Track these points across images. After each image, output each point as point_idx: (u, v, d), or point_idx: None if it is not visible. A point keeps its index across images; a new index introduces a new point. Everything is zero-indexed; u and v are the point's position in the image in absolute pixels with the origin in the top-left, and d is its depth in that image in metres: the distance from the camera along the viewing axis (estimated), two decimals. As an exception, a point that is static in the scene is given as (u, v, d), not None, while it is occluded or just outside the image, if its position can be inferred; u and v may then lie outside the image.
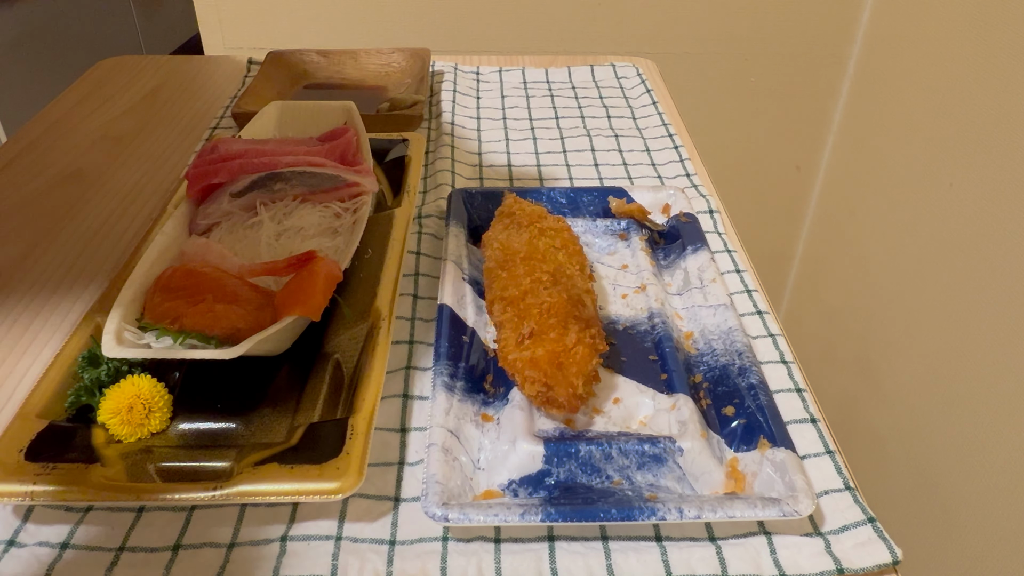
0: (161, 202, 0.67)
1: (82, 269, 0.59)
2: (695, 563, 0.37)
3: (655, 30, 1.18)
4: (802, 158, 1.37)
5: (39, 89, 1.73)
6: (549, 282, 0.47)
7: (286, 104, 0.68)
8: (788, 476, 0.39)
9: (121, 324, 0.43)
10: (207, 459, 0.40)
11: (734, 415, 0.43)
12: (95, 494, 0.37)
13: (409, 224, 0.56)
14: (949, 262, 1.01)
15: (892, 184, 1.16)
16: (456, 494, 0.38)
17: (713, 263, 0.54)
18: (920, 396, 1.08)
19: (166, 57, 0.97)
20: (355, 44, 1.08)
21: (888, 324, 1.17)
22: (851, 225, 1.28)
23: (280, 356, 0.46)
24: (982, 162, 0.95)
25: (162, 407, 0.42)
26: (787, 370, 0.48)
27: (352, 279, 0.51)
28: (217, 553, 0.38)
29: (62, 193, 0.68)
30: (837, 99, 1.30)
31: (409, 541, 0.38)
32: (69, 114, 0.82)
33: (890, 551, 0.37)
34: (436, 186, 0.67)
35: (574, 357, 0.42)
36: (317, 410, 0.43)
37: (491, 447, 0.42)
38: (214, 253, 0.50)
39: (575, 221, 0.60)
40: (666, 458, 0.40)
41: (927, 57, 1.07)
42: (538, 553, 0.38)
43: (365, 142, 0.60)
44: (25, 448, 0.39)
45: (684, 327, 0.51)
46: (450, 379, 0.44)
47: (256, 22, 1.21)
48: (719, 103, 1.31)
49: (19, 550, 0.38)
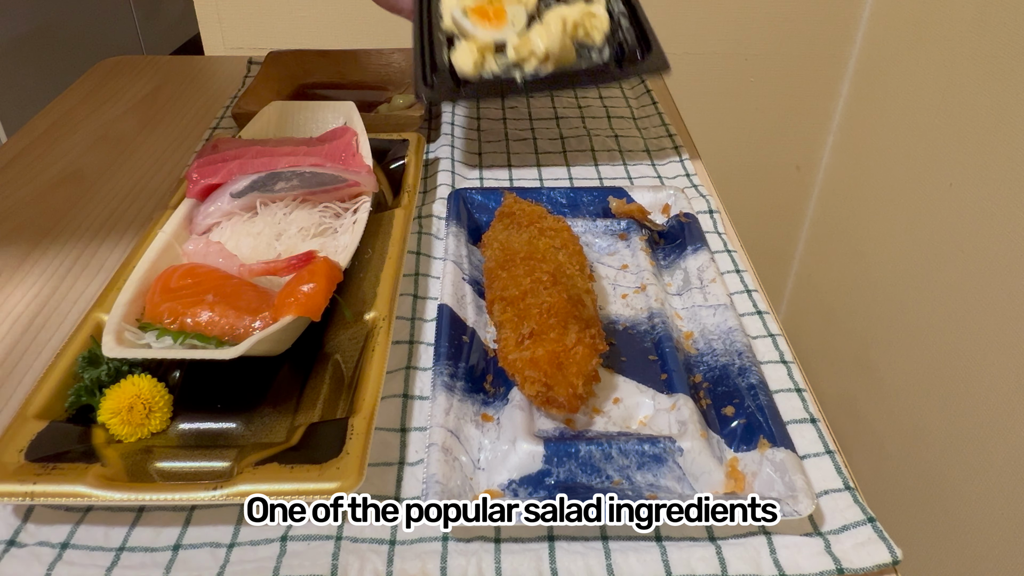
0: (161, 202, 0.67)
1: (82, 269, 0.59)
2: (695, 563, 0.37)
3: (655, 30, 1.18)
4: (802, 158, 1.37)
5: (39, 89, 1.72)
6: (549, 282, 0.47)
7: (286, 104, 0.68)
8: (788, 476, 0.39)
9: (121, 324, 0.43)
10: (207, 459, 0.40)
11: (734, 415, 0.43)
12: (95, 494, 0.37)
13: (409, 224, 0.56)
14: (949, 262, 1.01)
15: (892, 184, 1.16)
16: (456, 494, 0.38)
17: (713, 263, 0.54)
18: (920, 396, 1.08)
19: (166, 57, 0.97)
20: (355, 44, 1.08)
21: (888, 324, 1.17)
22: (851, 225, 1.28)
23: (280, 356, 0.46)
24: (982, 162, 0.95)
25: (162, 407, 0.42)
26: (787, 370, 0.48)
27: (352, 279, 0.51)
28: (217, 553, 0.38)
29: (62, 193, 0.68)
30: (837, 99, 1.30)
31: (409, 541, 0.39)
32: (69, 114, 0.82)
33: (890, 551, 0.37)
34: (436, 186, 0.67)
35: (574, 357, 0.42)
36: (317, 410, 0.43)
37: (491, 447, 0.42)
38: (214, 253, 0.50)
39: (575, 221, 0.60)
40: (666, 458, 0.40)
41: (927, 57, 1.07)
42: (538, 553, 0.38)
43: (365, 142, 0.60)
44: (25, 448, 0.39)
45: (684, 327, 0.51)
46: (450, 379, 0.44)
47: (256, 22, 1.21)
48: (719, 103, 1.31)
49: (19, 550, 0.38)
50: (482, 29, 0.68)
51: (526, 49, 0.65)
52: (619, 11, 0.72)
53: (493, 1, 0.70)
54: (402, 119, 0.73)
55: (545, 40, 0.65)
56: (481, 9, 0.69)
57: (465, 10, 0.69)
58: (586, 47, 0.68)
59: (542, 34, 0.66)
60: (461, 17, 0.69)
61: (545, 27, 0.66)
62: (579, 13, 0.68)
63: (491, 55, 0.67)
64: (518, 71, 0.66)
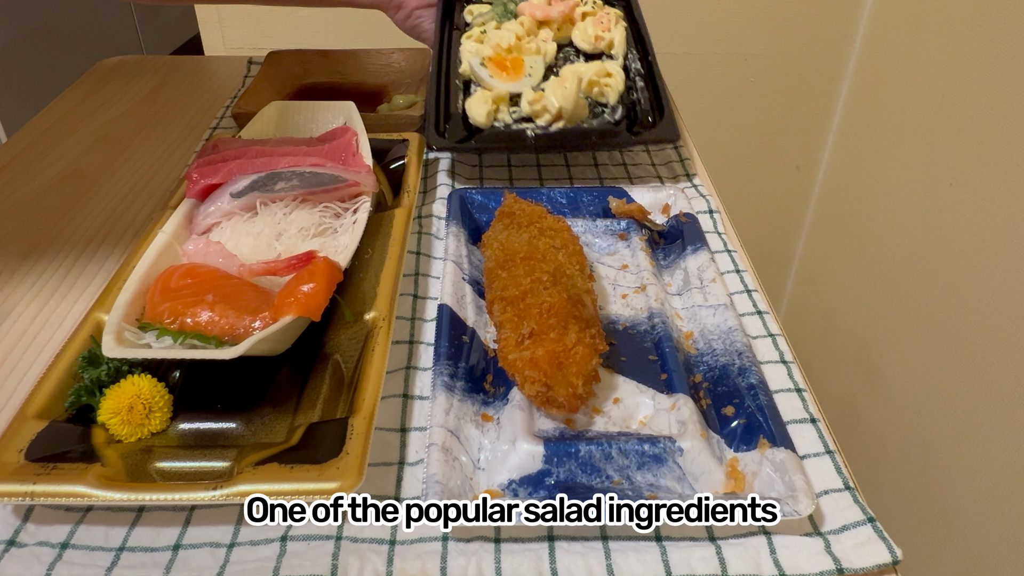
0: (161, 202, 0.67)
1: (82, 269, 0.59)
2: (695, 563, 0.37)
3: (655, 30, 1.18)
4: (802, 158, 1.37)
5: (39, 89, 1.72)
6: (549, 282, 0.47)
7: (286, 104, 0.68)
8: (788, 476, 0.39)
9: (121, 324, 0.43)
10: (207, 459, 0.40)
11: (734, 415, 0.43)
12: (95, 494, 0.37)
13: (409, 224, 0.56)
14: (949, 262, 1.01)
15: (892, 184, 1.16)
16: (456, 494, 0.38)
17: (713, 263, 0.54)
18: (920, 396, 1.08)
19: (166, 57, 0.97)
20: (355, 44, 1.08)
21: (888, 324, 1.17)
22: (851, 225, 1.28)
23: (280, 356, 0.46)
24: (982, 162, 0.95)
25: (162, 407, 0.42)
26: (787, 370, 0.48)
27: (352, 279, 0.51)
28: (217, 553, 0.38)
29: (62, 193, 0.68)
30: (837, 99, 1.30)
31: (409, 541, 0.39)
32: (69, 114, 0.82)
33: (890, 551, 0.37)
34: (436, 186, 0.67)
35: (574, 357, 0.42)
36: (317, 410, 0.43)
37: (491, 447, 0.42)
38: (214, 253, 0.50)
39: (575, 221, 0.60)
40: (666, 458, 0.40)
41: (927, 57, 1.07)
42: (538, 553, 0.38)
43: (365, 142, 0.60)
44: (25, 448, 0.39)
45: (684, 327, 0.51)
46: (450, 379, 0.44)
47: (256, 22, 1.21)
48: (719, 103, 1.31)
49: (19, 550, 0.38)
50: (498, 80, 0.69)
51: (540, 104, 0.66)
52: (635, 69, 0.73)
53: (511, 51, 0.71)
54: (402, 119, 0.73)
55: (559, 97, 0.66)
56: (499, 59, 0.70)
57: (483, 59, 0.70)
58: (600, 105, 0.69)
59: (556, 90, 0.66)
60: (478, 66, 0.70)
61: (560, 83, 0.67)
62: (595, 71, 0.69)
63: (505, 106, 0.67)
64: (530, 125, 0.66)
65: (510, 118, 0.67)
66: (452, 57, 0.73)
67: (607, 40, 0.75)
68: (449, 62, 0.73)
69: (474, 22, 0.78)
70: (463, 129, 0.67)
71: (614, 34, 0.75)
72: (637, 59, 0.75)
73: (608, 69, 0.70)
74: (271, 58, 0.86)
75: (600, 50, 0.75)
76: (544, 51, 0.73)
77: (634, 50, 0.76)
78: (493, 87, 0.68)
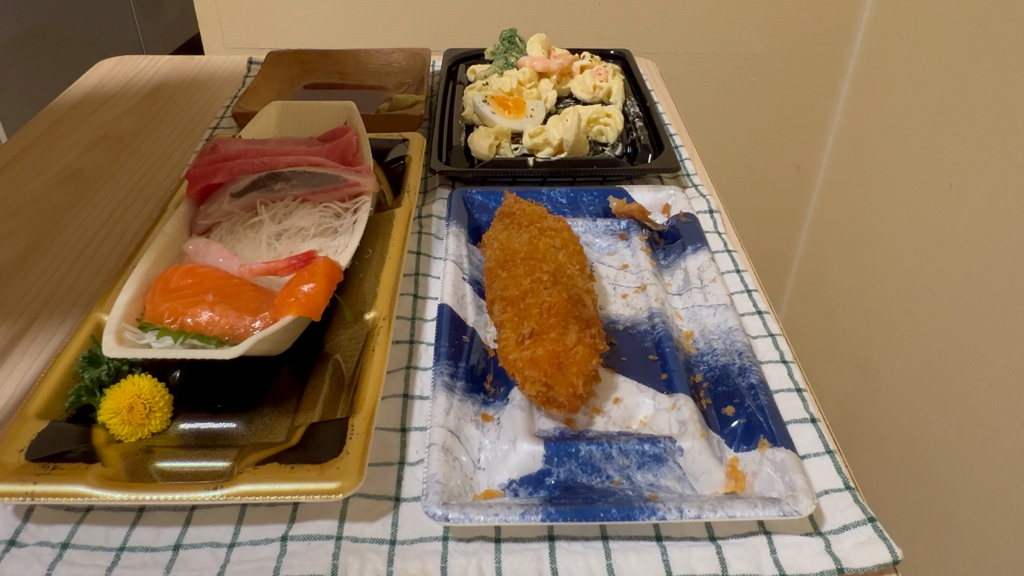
0: (161, 202, 0.67)
1: (82, 269, 0.59)
2: (695, 563, 0.37)
3: (655, 30, 1.18)
4: (802, 158, 1.37)
5: (39, 89, 1.72)
6: (549, 282, 0.47)
7: (286, 104, 0.68)
8: (788, 476, 0.39)
9: (121, 324, 0.43)
10: (207, 459, 0.40)
11: (734, 415, 0.43)
12: (95, 494, 0.37)
13: (409, 224, 0.56)
14: (949, 262, 1.01)
15: (892, 184, 1.16)
16: (456, 494, 0.38)
17: (713, 263, 0.54)
18: (920, 396, 1.08)
19: (166, 57, 0.97)
20: (355, 44, 1.08)
21: (888, 324, 1.17)
22: (851, 225, 1.28)
23: (280, 356, 0.46)
24: (982, 162, 0.95)
25: (162, 407, 0.42)
26: (787, 370, 0.48)
27: (352, 279, 0.51)
28: (217, 553, 0.38)
29: (62, 193, 0.68)
30: (837, 99, 1.30)
31: (409, 541, 0.39)
32: (69, 114, 0.82)
33: (890, 551, 0.37)
34: (436, 186, 0.67)
35: (574, 357, 0.42)
36: (317, 410, 0.43)
37: (491, 447, 0.42)
38: (214, 253, 0.50)
39: (575, 221, 0.60)
40: (666, 458, 0.40)
41: (927, 57, 1.07)
42: (538, 553, 0.38)
43: (365, 142, 0.60)
44: (25, 448, 0.39)
45: (684, 327, 0.51)
46: (450, 379, 0.44)
47: (256, 22, 1.21)
48: (719, 103, 1.31)
49: (19, 550, 0.38)
50: (501, 117, 0.71)
51: (541, 137, 0.68)
52: (635, 112, 0.76)
53: (513, 93, 0.74)
54: (402, 119, 0.73)
55: (560, 130, 0.67)
56: (502, 99, 0.73)
57: (487, 96, 0.73)
58: (600, 144, 0.71)
59: (557, 125, 0.68)
60: (481, 103, 0.72)
61: (561, 119, 0.68)
62: (594, 110, 0.71)
63: (507, 142, 0.69)
64: (532, 159, 0.68)
65: (511, 154, 0.69)
66: (456, 103, 0.76)
67: (605, 89, 0.78)
68: (452, 107, 0.76)
69: (476, 78, 0.81)
70: (465, 161, 0.69)
71: (612, 84, 0.78)
72: (636, 105, 0.77)
73: (607, 111, 0.72)
74: (271, 58, 0.86)
75: (599, 99, 0.78)
76: (545, 97, 0.76)
77: (632, 98, 0.79)
78: (495, 123, 0.71)
